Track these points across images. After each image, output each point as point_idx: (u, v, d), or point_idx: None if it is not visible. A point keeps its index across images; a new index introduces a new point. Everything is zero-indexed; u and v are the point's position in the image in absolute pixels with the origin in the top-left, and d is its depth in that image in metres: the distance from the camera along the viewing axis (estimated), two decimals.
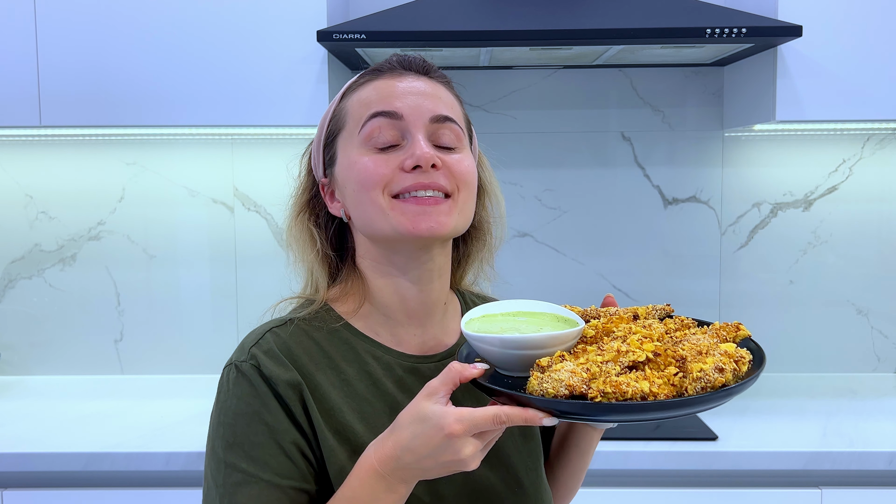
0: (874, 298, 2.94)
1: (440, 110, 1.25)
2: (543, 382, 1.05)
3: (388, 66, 1.29)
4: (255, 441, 1.18)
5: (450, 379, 1.08)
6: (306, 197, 1.39)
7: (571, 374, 1.04)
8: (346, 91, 1.32)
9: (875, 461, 2.19)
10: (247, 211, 2.93)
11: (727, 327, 1.22)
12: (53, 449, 2.20)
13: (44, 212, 2.92)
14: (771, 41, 2.36)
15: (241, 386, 1.21)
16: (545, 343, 1.12)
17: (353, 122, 1.26)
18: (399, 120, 1.23)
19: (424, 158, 1.20)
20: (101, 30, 2.45)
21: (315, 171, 1.37)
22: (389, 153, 1.23)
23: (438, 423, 1.04)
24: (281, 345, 1.24)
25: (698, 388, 1.04)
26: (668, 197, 2.93)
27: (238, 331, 2.94)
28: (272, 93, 2.46)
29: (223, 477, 1.18)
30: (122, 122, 2.49)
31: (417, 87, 1.26)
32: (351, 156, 1.25)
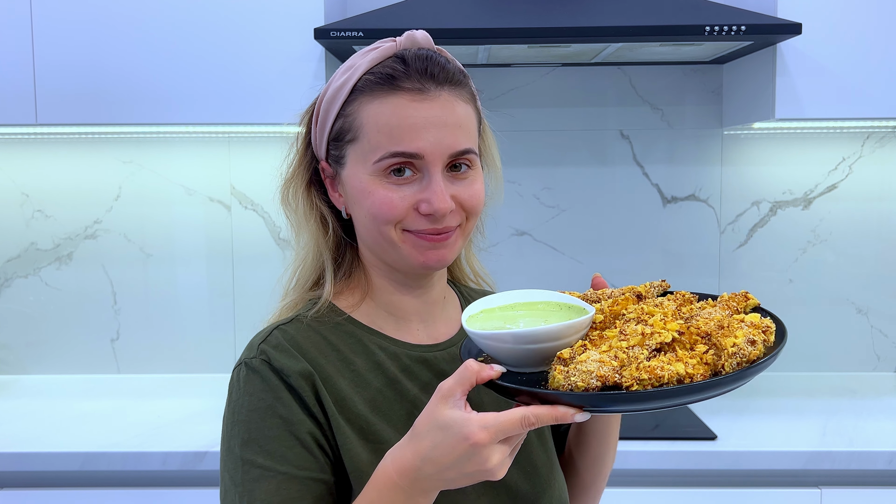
0: (874, 297, 2.94)
1: (460, 145, 1.22)
2: (571, 376, 0.99)
3: (407, 73, 1.22)
4: (271, 435, 1.17)
5: (466, 379, 1.03)
6: (308, 172, 1.35)
7: (600, 364, 0.99)
8: (356, 88, 1.25)
9: (875, 461, 2.19)
10: (244, 209, 2.92)
11: (736, 297, 1.18)
12: (50, 448, 2.20)
13: (40, 210, 2.92)
14: (770, 39, 2.36)
15: (253, 382, 1.21)
16: (561, 334, 1.06)
17: (367, 144, 1.22)
18: (419, 160, 1.20)
19: (442, 212, 1.19)
20: (98, 28, 2.44)
21: (316, 150, 1.34)
22: (404, 186, 1.21)
23: (461, 432, 1.00)
24: (289, 339, 1.24)
25: (734, 363, 1.00)
26: (667, 195, 2.92)
27: (235, 330, 2.94)
28: (269, 91, 2.46)
29: (241, 474, 1.17)
30: (118, 120, 2.48)
31: (437, 114, 1.21)
32: (363, 179, 1.22)
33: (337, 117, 1.26)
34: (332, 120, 1.27)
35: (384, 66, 1.23)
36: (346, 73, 1.26)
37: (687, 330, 1.04)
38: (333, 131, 1.27)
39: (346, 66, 1.28)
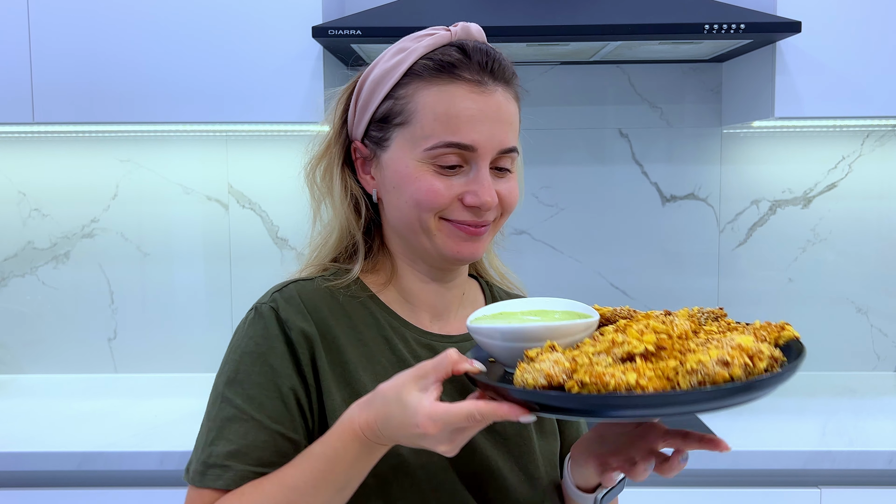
0: (874, 296, 2.93)
1: (509, 142, 1.24)
2: (525, 373, 0.99)
3: (467, 63, 1.22)
4: (255, 381, 1.19)
5: (442, 367, 1.04)
6: (342, 152, 1.34)
7: (553, 364, 0.98)
8: (414, 71, 1.24)
9: (875, 460, 2.18)
10: (241, 208, 2.91)
11: (769, 327, 1.11)
12: (46, 448, 2.19)
13: (37, 209, 2.91)
14: (770, 37, 2.35)
15: (255, 326, 1.24)
16: (546, 334, 1.07)
17: (420, 132, 1.22)
18: (471, 152, 1.21)
19: (488, 205, 1.22)
20: (95, 26, 2.44)
21: (352, 129, 1.33)
22: (451, 177, 1.22)
23: (413, 419, 1.01)
24: (304, 295, 1.26)
25: (694, 381, 0.93)
26: (667, 194, 2.92)
27: (233, 329, 2.89)
28: (267, 89, 2.45)
29: (217, 410, 1.20)
30: (115, 118, 2.48)
31: (495, 108, 1.22)
32: (409, 164, 1.23)
33: (385, 98, 1.26)
34: (378, 101, 1.26)
35: (443, 52, 1.24)
36: (397, 55, 1.26)
37: (670, 346, 0.99)
38: (379, 112, 1.27)
39: (396, 49, 1.27)
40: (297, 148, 1.23)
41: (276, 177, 2.89)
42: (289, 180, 1.40)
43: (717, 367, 0.93)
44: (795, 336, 1.08)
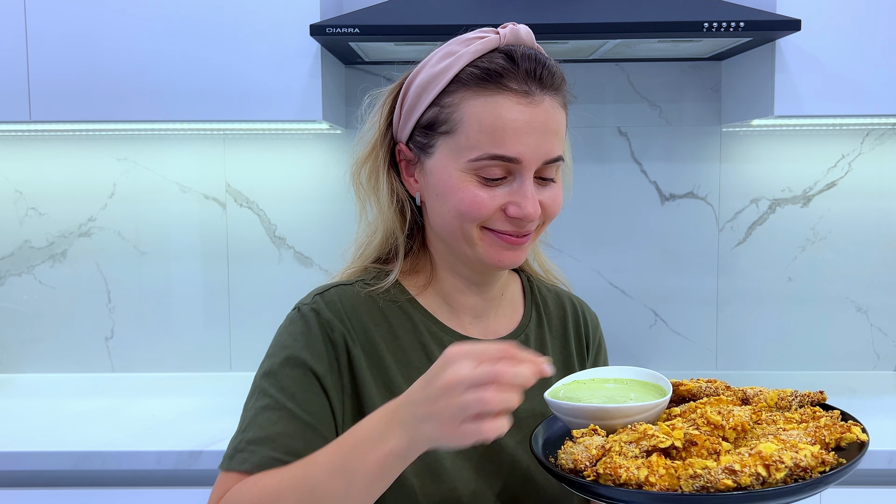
0: (874, 295, 2.92)
1: (554, 152, 1.24)
2: (563, 452, 1.06)
3: (514, 71, 1.21)
4: (291, 374, 1.22)
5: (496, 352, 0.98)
6: (387, 153, 1.35)
7: (585, 449, 1.03)
8: (460, 79, 1.23)
9: (875, 460, 2.17)
10: (239, 207, 2.90)
11: (833, 427, 1.08)
12: (43, 448, 2.18)
13: (34, 208, 2.90)
14: (769, 35, 2.34)
15: (297, 325, 1.27)
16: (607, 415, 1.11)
17: (465, 140, 1.21)
18: (516, 164, 1.20)
19: (531, 217, 1.21)
20: (92, 24, 2.43)
21: (397, 131, 1.33)
22: (495, 188, 1.21)
23: (447, 353, 0.99)
24: (346, 300, 1.29)
25: (696, 486, 0.95)
26: (665, 193, 2.91)
27: (230, 328, 2.93)
28: (265, 88, 2.45)
29: (254, 400, 1.23)
30: (113, 117, 2.47)
31: (542, 119, 1.21)
32: (452, 174, 1.22)
33: (431, 105, 1.25)
34: (424, 107, 1.26)
35: (490, 60, 1.22)
36: (445, 59, 1.25)
37: (702, 442, 1.01)
38: (425, 118, 1.26)
39: (444, 52, 1.26)
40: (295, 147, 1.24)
41: (274, 175, 2.88)
42: (287, 179, 1.39)
43: (721, 475, 0.94)
44: (860, 440, 1.07)
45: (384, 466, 1.02)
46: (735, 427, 1.05)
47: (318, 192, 2.89)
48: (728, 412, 1.08)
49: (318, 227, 2.90)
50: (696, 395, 1.22)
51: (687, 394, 1.23)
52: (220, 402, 2.59)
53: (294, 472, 1.09)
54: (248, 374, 1.75)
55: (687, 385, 1.23)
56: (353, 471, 1.03)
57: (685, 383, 1.23)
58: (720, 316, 2.94)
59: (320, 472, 1.05)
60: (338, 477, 1.03)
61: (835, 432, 1.06)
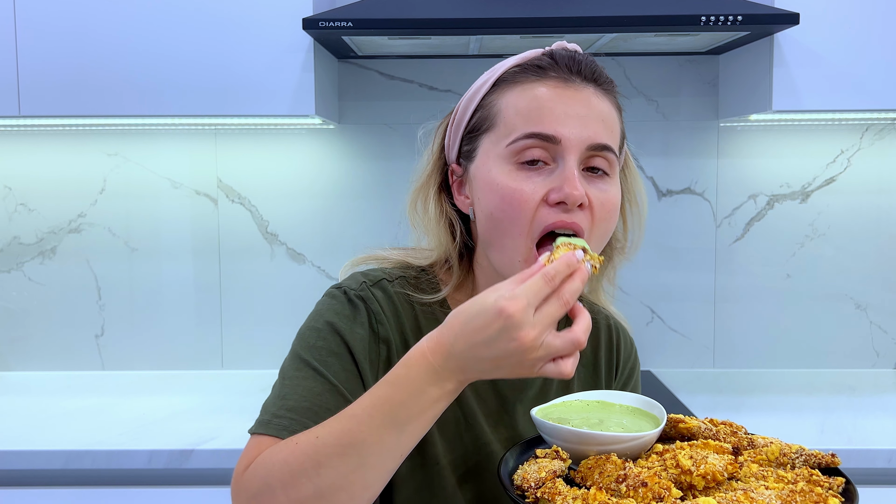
0: (873, 293, 2.91)
1: (600, 138, 1.18)
2: (521, 469, 1.07)
3: (553, 64, 1.20)
4: (334, 350, 1.21)
5: (517, 278, 1.00)
6: (440, 178, 1.34)
7: (537, 471, 1.04)
8: (500, 79, 1.24)
9: (874, 459, 2.16)
10: (231, 203, 2.89)
11: (808, 494, 0.99)
12: (32, 446, 2.17)
13: (23, 204, 2.89)
14: (767, 29, 2.34)
15: (344, 306, 1.25)
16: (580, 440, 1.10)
17: (503, 129, 1.20)
18: (555, 144, 1.16)
19: (573, 198, 1.14)
20: (82, 18, 2.42)
21: (448, 154, 1.32)
22: (533, 173, 1.17)
23: (494, 308, 0.96)
24: (391, 297, 1.28)
25: None
26: (663, 188, 2.90)
27: (222, 325, 2.91)
28: (257, 82, 2.44)
29: (293, 370, 1.21)
30: (103, 111, 2.46)
31: (582, 104, 1.18)
32: (491, 168, 1.20)
33: (476, 109, 1.25)
34: (470, 113, 1.26)
35: (532, 59, 1.23)
36: (490, 71, 1.27)
37: (652, 483, 0.98)
38: (470, 125, 1.25)
39: (490, 69, 1.27)
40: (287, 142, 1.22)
41: (267, 171, 2.88)
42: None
43: None
44: None
45: (436, 410, 1.03)
46: (704, 475, 1.01)
47: (310, 187, 2.88)
48: (702, 458, 1.04)
49: (310, 224, 2.89)
50: (695, 435, 1.18)
51: (686, 432, 1.19)
52: (211, 401, 2.58)
53: (331, 429, 1.05)
54: (240, 372, 1.74)
55: (688, 423, 1.18)
56: (404, 420, 1.02)
57: (686, 421, 1.19)
58: (718, 313, 2.93)
59: (365, 427, 1.02)
60: (388, 428, 1.02)
61: (808, 500, 0.98)
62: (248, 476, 1.08)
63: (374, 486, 1.04)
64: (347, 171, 2.87)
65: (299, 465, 1.03)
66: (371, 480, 1.03)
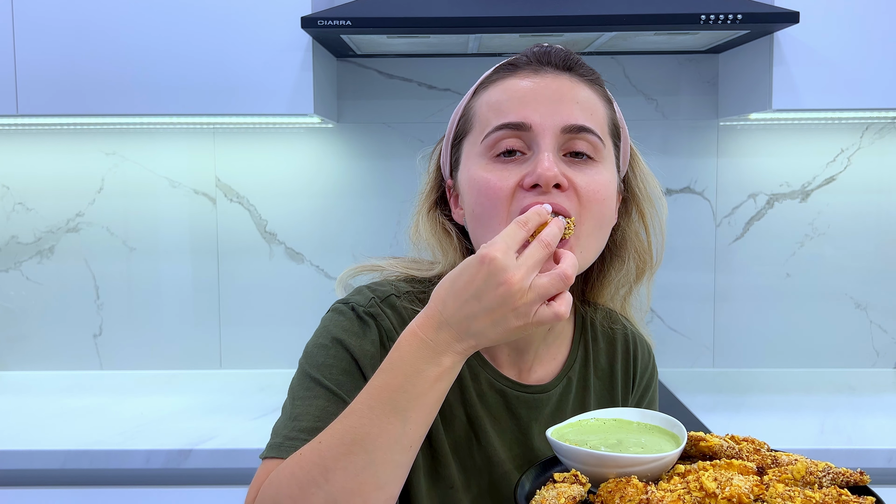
0: (873, 292, 2.91)
1: (574, 119, 1.15)
2: (538, 495, 1.03)
3: (526, 60, 1.20)
4: (344, 367, 1.18)
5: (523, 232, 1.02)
6: (435, 195, 1.33)
7: (556, 497, 1.00)
8: (478, 86, 1.24)
9: (874, 458, 2.16)
10: (229, 202, 2.88)
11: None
12: (30, 446, 2.16)
13: (21, 203, 2.88)
14: (767, 28, 2.33)
15: (353, 323, 1.22)
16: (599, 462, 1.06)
17: (479, 127, 1.19)
18: (527, 131, 1.14)
19: (545, 178, 1.10)
20: (81, 17, 2.41)
21: (443, 170, 1.32)
22: (510, 164, 1.15)
23: (474, 261, 0.97)
24: (401, 314, 1.24)
25: None
26: (662, 187, 2.87)
27: (220, 325, 2.91)
28: (255, 81, 2.43)
29: (303, 390, 1.17)
30: (101, 111, 2.45)
31: (552, 88, 1.16)
32: (471, 168, 1.19)
33: (459, 119, 1.25)
34: (455, 124, 1.26)
35: (509, 60, 1.24)
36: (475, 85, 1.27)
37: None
38: (454, 135, 1.26)
39: None
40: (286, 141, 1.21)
41: (265, 170, 2.87)
42: (278, 174, 1.37)
43: None
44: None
45: (438, 390, 1.01)
46: (730, 498, 0.99)
47: (309, 186, 2.87)
48: (726, 480, 1.01)
49: (309, 223, 2.88)
50: (717, 454, 1.14)
51: (707, 451, 1.15)
52: (209, 400, 2.57)
53: (333, 431, 1.02)
54: (239, 372, 1.74)
55: (709, 442, 1.14)
56: (407, 407, 1.00)
57: (707, 439, 1.15)
58: (717, 313, 2.92)
59: (366, 420, 1.00)
60: (390, 418, 1.00)
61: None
62: (259, 501, 1.05)
63: (388, 486, 1.01)
64: (346, 170, 2.86)
65: (307, 476, 1.01)
66: (383, 479, 1.00)
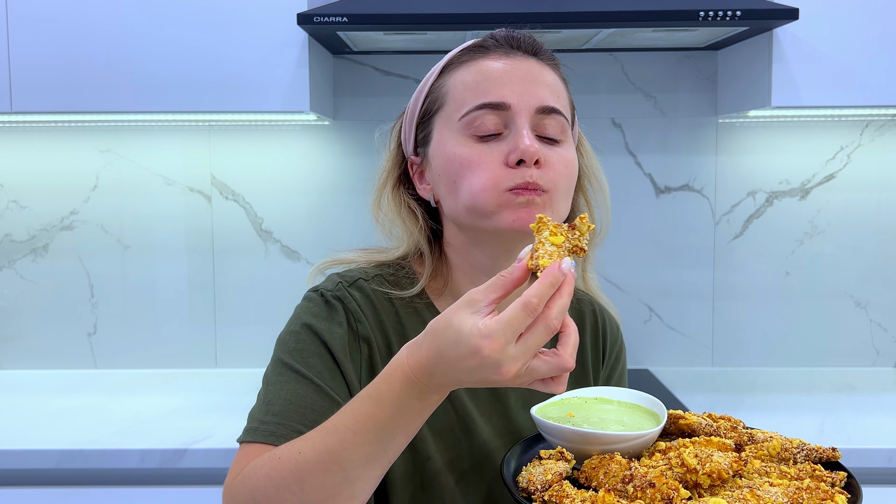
0: (873, 290, 2.90)
1: (547, 101, 1.23)
2: (526, 471, 1.07)
3: (495, 43, 1.26)
4: (315, 351, 1.23)
5: (496, 286, 0.96)
6: (398, 172, 1.38)
7: (543, 473, 1.04)
8: (446, 65, 1.29)
9: (874, 458, 2.14)
10: (225, 200, 2.88)
11: (814, 491, 0.99)
12: (24, 446, 2.15)
13: (15, 200, 2.87)
14: (766, 24, 2.32)
15: (321, 308, 1.27)
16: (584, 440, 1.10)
17: (454, 105, 1.24)
18: (505, 110, 1.21)
19: (529, 153, 1.18)
20: (75, 13, 2.40)
21: (405, 147, 1.36)
22: (491, 142, 1.22)
23: (469, 343, 0.93)
24: (369, 296, 1.30)
25: None
26: (661, 185, 2.88)
27: (216, 323, 2.90)
28: (251, 78, 2.42)
29: (276, 375, 1.22)
30: (95, 108, 2.45)
31: (525, 71, 1.23)
32: (448, 143, 1.24)
33: (426, 97, 1.29)
34: (421, 102, 1.31)
35: (475, 42, 1.29)
36: (436, 65, 1.32)
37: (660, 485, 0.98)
38: (422, 111, 1.31)
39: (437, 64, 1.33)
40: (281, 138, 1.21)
41: (261, 168, 2.86)
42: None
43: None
44: None
45: (422, 418, 1.03)
46: (710, 473, 1.01)
47: (305, 184, 2.86)
48: (707, 457, 1.03)
49: (305, 221, 2.87)
50: (696, 431, 1.18)
51: (686, 428, 1.20)
52: (205, 399, 2.56)
53: (314, 445, 1.04)
54: (234, 371, 1.73)
55: (688, 419, 1.19)
56: (391, 434, 1.01)
57: (687, 417, 1.20)
58: (716, 311, 2.91)
59: (348, 445, 1.01)
60: (374, 445, 1.01)
61: (814, 498, 0.98)
62: (237, 487, 1.09)
63: (361, 495, 1.04)
64: (342, 167, 2.85)
65: (283, 481, 1.04)
66: (357, 490, 1.03)
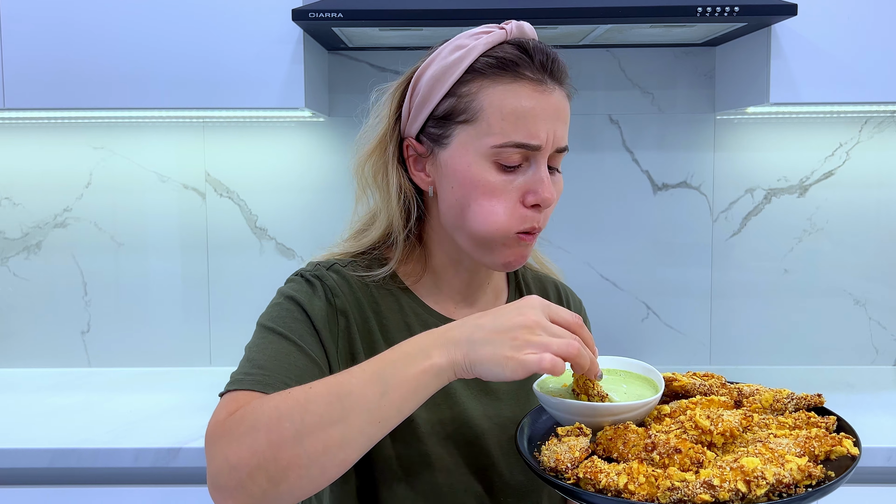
0: (872, 288, 2.90)
1: (565, 141, 1.29)
2: (547, 450, 1.08)
3: (528, 63, 1.26)
4: (297, 318, 1.27)
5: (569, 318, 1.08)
6: (393, 147, 1.38)
7: (568, 450, 1.05)
8: (476, 68, 1.27)
9: (873, 457, 2.14)
10: (219, 197, 2.87)
11: (823, 439, 1.05)
12: (17, 445, 2.15)
13: (7, 198, 2.87)
14: (765, 20, 2.32)
15: (302, 284, 1.32)
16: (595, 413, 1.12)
17: (486, 127, 1.24)
18: (535, 151, 1.25)
19: (548, 202, 1.26)
20: (68, 9, 2.40)
21: (404, 125, 1.36)
22: (513, 175, 1.26)
23: (520, 300, 1.08)
24: (345, 277, 1.35)
25: (673, 498, 0.94)
26: (658, 182, 2.87)
27: (210, 321, 2.89)
28: (245, 74, 2.42)
29: (259, 338, 1.25)
30: (89, 104, 2.44)
31: (554, 108, 1.26)
32: (472, 162, 1.26)
33: (447, 95, 1.28)
34: (438, 97, 1.29)
35: (503, 50, 1.27)
36: (456, 51, 1.29)
37: (686, 450, 1.00)
38: (440, 109, 1.29)
39: (454, 46, 1.30)
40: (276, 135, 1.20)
41: (255, 165, 2.86)
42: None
43: (699, 489, 0.94)
44: (851, 454, 1.05)
45: (420, 382, 1.05)
46: (723, 433, 1.05)
47: (300, 181, 2.86)
48: (718, 416, 1.07)
49: (300, 218, 2.86)
50: (690, 391, 1.21)
51: (680, 390, 1.23)
52: (199, 398, 2.56)
53: (325, 381, 1.07)
54: (229, 369, 1.70)
55: (681, 381, 1.23)
56: (389, 380, 1.04)
57: (679, 378, 1.23)
58: (714, 309, 2.91)
59: (355, 380, 1.05)
60: (373, 384, 1.04)
61: (825, 444, 1.04)
62: (234, 421, 1.08)
63: (348, 448, 1.04)
64: (338, 164, 2.84)
65: (288, 409, 1.05)
66: (347, 439, 1.03)
